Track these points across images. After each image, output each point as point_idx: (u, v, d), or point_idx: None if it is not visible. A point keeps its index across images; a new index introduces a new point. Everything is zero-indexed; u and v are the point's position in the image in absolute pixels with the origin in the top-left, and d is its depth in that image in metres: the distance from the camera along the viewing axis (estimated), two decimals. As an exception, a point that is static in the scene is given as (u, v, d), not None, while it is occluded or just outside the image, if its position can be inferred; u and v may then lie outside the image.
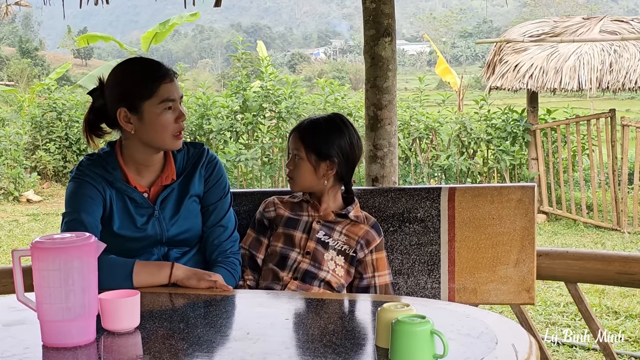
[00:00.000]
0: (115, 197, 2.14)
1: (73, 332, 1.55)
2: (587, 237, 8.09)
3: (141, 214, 2.15)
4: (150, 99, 2.08)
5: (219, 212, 2.25)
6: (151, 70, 2.12)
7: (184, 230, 2.20)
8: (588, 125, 8.97)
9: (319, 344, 1.55)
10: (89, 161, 2.17)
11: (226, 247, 2.23)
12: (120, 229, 2.13)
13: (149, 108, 2.08)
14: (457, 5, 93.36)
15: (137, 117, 2.09)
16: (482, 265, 2.34)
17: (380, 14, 3.27)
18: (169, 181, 2.18)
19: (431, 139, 10.42)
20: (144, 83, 2.08)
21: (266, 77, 10.75)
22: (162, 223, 2.17)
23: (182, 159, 2.23)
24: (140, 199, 2.15)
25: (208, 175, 2.24)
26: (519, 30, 9.44)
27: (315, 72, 42.80)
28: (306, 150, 2.23)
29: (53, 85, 12.81)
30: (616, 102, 23.54)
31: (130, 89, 2.09)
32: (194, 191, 2.21)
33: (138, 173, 2.17)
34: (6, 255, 7.49)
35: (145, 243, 2.16)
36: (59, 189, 12.09)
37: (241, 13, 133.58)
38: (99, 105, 2.15)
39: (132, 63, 2.18)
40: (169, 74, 2.12)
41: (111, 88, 2.14)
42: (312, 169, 2.23)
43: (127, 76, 2.13)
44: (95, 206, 2.11)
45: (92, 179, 2.12)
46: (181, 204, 2.19)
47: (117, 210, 2.14)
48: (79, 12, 4.91)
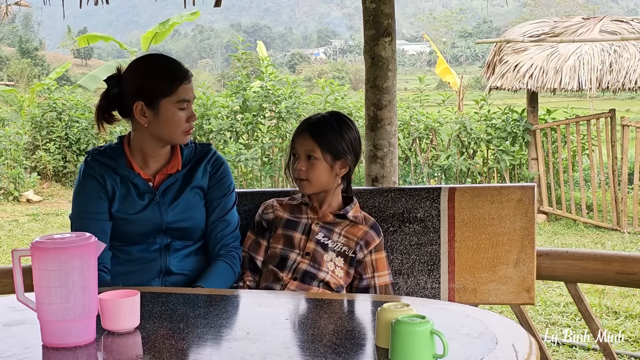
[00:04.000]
0: (120, 184, 2.21)
1: (73, 332, 1.55)
2: (587, 237, 8.09)
3: (142, 198, 2.21)
4: (169, 97, 2.15)
5: (223, 207, 2.29)
6: (173, 69, 2.18)
7: (183, 218, 2.23)
8: (588, 125, 8.97)
9: (319, 344, 1.55)
10: (96, 151, 2.26)
11: (228, 242, 2.28)
12: (118, 211, 2.19)
13: (165, 105, 2.15)
14: (457, 5, 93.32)
15: (152, 112, 2.16)
16: (482, 265, 2.34)
17: (380, 14, 3.27)
18: (174, 171, 2.25)
19: (431, 139, 10.42)
20: (165, 81, 2.15)
21: (266, 77, 10.76)
22: (162, 207, 2.21)
23: (188, 153, 2.29)
24: (143, 185, 2.21)
25: (214, 172, 2.29)
26: (519, 30, 9.44)
27: (315, 72, 42.76)
28: (322, 149, 2.22)
29: (53, 85, 12.80)
30: (616, 102, 23.54)
31: (150, 85, 2.15)
32: (197, 182, 2.26)
33: (144, 162, 2.24)
34: (6, 255, 7.49)
35: (145, 228, 2.20)
36: (59, 189, 12.09)
37: (241, 13, 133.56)
38: (113, 93, 2.21)
39: (155, 59, 2.23)
40: (187, 76, 2.20)
41: (131, 80, 2.19)
42: (329, 169, 2.23)
43: (149, 72, 2.19)
44: (99, 204, 2.19)
45: (95, 172, 2.20)
46: (183, 192, 2.24)
47: (119, 195, 2.20)
48: (79, 12, 4.91)
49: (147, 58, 2.25)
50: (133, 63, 2.24)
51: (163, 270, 2.22)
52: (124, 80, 2.20)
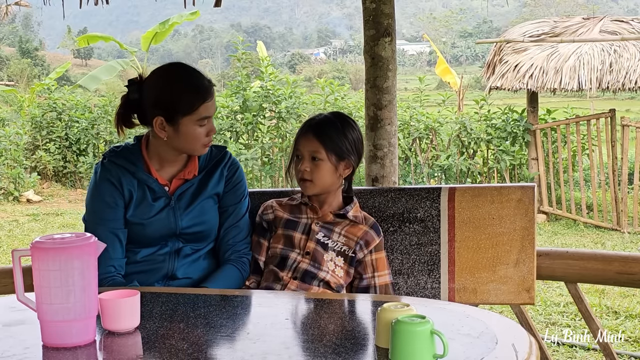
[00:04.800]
0: (137, 187, 2.19)
1: (73, 332, 1.55)
2: (587, 237, 8.09)
3: (157, 203, 2.19)
4: (190, 115, 2.11)
5: (237, 213, 2.29)
6: (196, 86, 2.13)
7: (197, 223, 2.23)
8: (588, 125, 8.97)
9: (319, 344, 1.55)
10: (113, 153, 2.22)
11: (240, 248, 2.28)
12: (133, 216, 2.18)
13: (186, 122, 2.12)
14: (457, 5, 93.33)
15: (172, 128, 2.13)
16: (482, 265, 2.34)
17: (380, 14, 3.27)
18: (191, 176, 2.23)
19: (431, 139, 10.42)
20: (187, 100, 2.11)
21: (266, 77, 10.75)
22: (177, 213, 2.20)
23: (204, 158, 2.28)
24: (159, 189, 2.20)
25: (230, 177, 2.28)
26: (519, 30, 9.44)
27: (315, 72, 42.77)
28: (327, 150, 2.21)
29: (53, 85, 12.79)
30: (616, 102, 23.54)
31: (171, 102, 2.11)
32: (213, 189, 2.26)
33: (161, 167, 2.23)
34: (6, 255, 7.48)
35: (159, 233, 2.19)
36: (58, 189, 12.09)
37: (241, 13, 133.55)
38: (133, 98, 2.18)
39: (179, 72, 2.18)
40: (210, 92, 2.14)
41: (152, 92, 2.15)
42: (333, 169, 2.23)
43: (170, 87, 2.13)
44: (115, 211, 2.16)
45: (112, 175, 2.17)
46: (197, 197, 2.23)
47: (135, 199, 2.18)
48: (78, 12, 4.90)
49: (171, 69, 2.19)
50: (156, 72, 2.18)
51: (168, 275, 2.21)
52: (145, 87, 2.16)
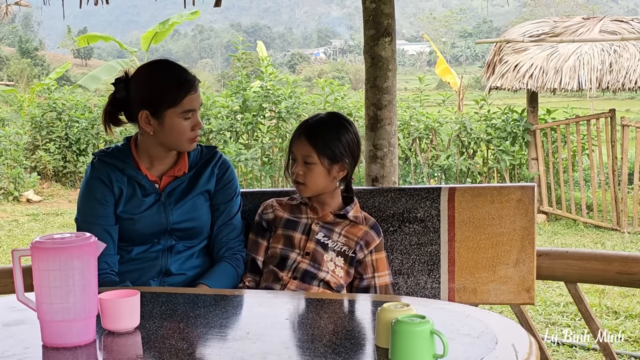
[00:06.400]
0: (127, 184, 2.21)
1: (73, 332, 1.55)
2: (587, 237, 8.09)
3: (148, 198, 2.21)
4: (174, 107, 2.15)
5: (230, 212, 2.31)
6: (179, 80, 2.17)
7: (188, 219, 2.24)
8: (588, 125, 8.96)
9: (319, 344, 1.55)
10: (103, 152, 2.26)
11: (233, 245, 2.29)
12: (124, 212, 2.20)
13: (170, 115, 2.15)
14: (457, 5, 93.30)
15: (157, 122, 2.16)
16: (482, 265, 2.34)
17: (380, 14, 3.27)
18: (181, 173, 2.25)
19: (431, 139, 10.42)
20: (171, 92, 2.15)
21: (266, 77, 10.75)
22: (167, 208, 2.22)
23: (195, 156, 2.30)
24: (149, 186, 2.22)
25: (221, 175, 2.30)
26: (519, 30, 9.44)
27: (315, 72, 42.75)
28: (319, 154, 2.20)
29: (53, 85, 12.79)
30: (616, 102, 23.53)
31: (156, 95, 2.15)
32: (204, 186, 2.27)
33: (151, 165, 2.25)
34: (6, 255, 7.48)
35: (150, 229, 2.21)
36: (58, 189, 12.08)
37: (241, 13, 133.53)
38: (120, 96, 2.21)
39: (162, 67, 2.22)
40: (193, 85, 2.18)
41: (137, 88, 2.19)
42: (326, 173, 2.22)
43: (154, 81, 2.18)
44: (105, 209, 2.19)
45: (102, 174, 2.20)
46: (188, 194, 2.25)
47: (125, 196, 2.20)
48: (78, 12, 4.91)
49: (154, 65, 2.24)
50: (141, 69, 2.23)
51: (163, 271, 2.22)
52: (131, 84, 2.20)
